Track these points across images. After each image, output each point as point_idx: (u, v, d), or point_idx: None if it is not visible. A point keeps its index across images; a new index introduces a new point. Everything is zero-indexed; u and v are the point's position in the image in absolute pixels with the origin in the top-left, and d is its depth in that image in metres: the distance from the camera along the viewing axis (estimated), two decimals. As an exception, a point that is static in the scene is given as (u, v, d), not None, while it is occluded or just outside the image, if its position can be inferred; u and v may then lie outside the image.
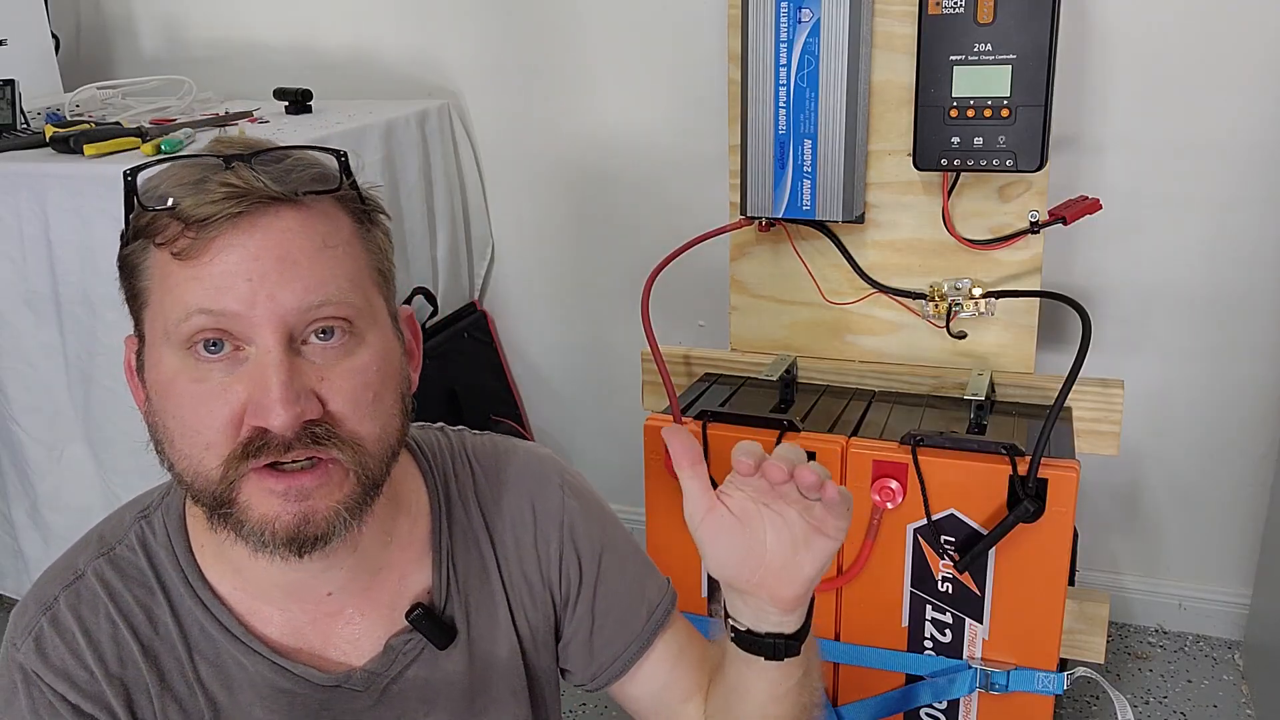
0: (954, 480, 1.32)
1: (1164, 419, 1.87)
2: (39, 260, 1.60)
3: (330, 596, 0.79)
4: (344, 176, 0.71)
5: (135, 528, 0.79)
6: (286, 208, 0.68)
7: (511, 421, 2.27)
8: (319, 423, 0.68)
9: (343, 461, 0.69)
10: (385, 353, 0.73)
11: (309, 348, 0.68)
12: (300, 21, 2.25)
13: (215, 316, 0.66)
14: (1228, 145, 1.70)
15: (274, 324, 0.66)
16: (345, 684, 0.80)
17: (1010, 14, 1.33)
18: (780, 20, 1.41)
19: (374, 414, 0.71)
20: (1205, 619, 1.98)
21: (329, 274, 0.69)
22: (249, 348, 0.67)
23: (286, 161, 0.70)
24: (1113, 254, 1.80)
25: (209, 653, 0.77)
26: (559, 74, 2.06)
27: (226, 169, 0.67)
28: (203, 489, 0.69)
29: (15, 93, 1.83)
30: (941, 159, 1.40)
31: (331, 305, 0.68)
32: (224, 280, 0.66)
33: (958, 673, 1.38)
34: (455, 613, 0.84)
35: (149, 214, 0.68)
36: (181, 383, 0.68)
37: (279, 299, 0.66)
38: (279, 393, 0.65)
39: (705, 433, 1.42)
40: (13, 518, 1.81)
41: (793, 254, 1.57)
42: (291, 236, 0.68)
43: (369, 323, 0.72)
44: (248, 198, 0.66)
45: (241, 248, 0.66)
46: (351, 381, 0.69)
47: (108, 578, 0.77)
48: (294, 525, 0.68)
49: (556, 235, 2.19)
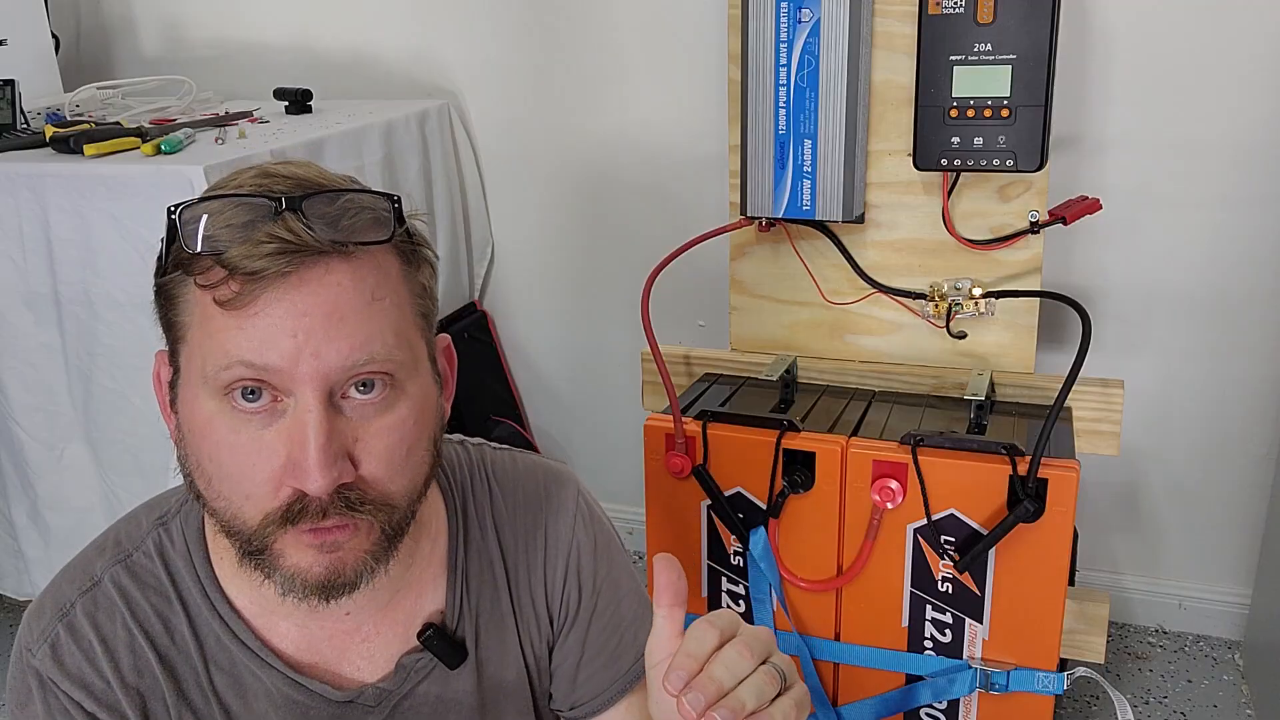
0: (954, 480, 1.32)
1: (1164, 419, 1.87)
2: (39, 260, 1.60)
3: (349, 616, 0.80)
4: (396, 224, 0.70)
5: (153, 534, 0.79)
6: (336, 259, 0.66)
7: (511, 422, 2.27)
8: (352, 487, 0.67)
9: (372, 520, 0.69)
10: (423, 402, 0.72)
11: (348, 402, 0.67)
12: (300, 21, 2.25)
13: (257, 370, 0.65)
14: (1227, 144, 1.70)
15: (316, 382, 0.65)
16: (358, 700, 0.80)
17: (1010, 14, 1.33)
18: (780, 20, 1.41)
19: (405, 469, 0.70)
20: (1205, 619, 1.98)
21: (375, 330, 0.67)
22: (288, 399, 0.66)
23: (339, 203, 0.67)
24: (1113, 254, 1.80)
25: (225, 664, 0.77)
26: (559, 74, 2.06)
27: (276, 216, 0.65)
28: (238, 532, 0.69)
29: (15, 93, 1.83)
30: (941, 159, 1.40)
31: (376, 363, 0.67)
32: (268, 334, 0.64)
33: (958, 673, 1.38)
34: (466, 633, 0.84)
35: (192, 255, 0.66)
36: (220, 430, 0.67)
37: (323, 356, 0.65)
38: (316, 457, 0.64)
39: (705, 433, 1.42)
40: (13, 518, 1.81)
41: (793, 254, 1.57)
42: (340, 292, 0.66)
43: (410, 374, 0.71)
44: (299, 253, 0.64)
45: (290, 303, 0.65)
46: (386, 440, 0.68)
47: (125, 585, 0.76)
48: (325, 577, 0.69)
49: (556, 235, 2.19)
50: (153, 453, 1.58)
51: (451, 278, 2.16)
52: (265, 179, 0.69)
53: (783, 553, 1.43)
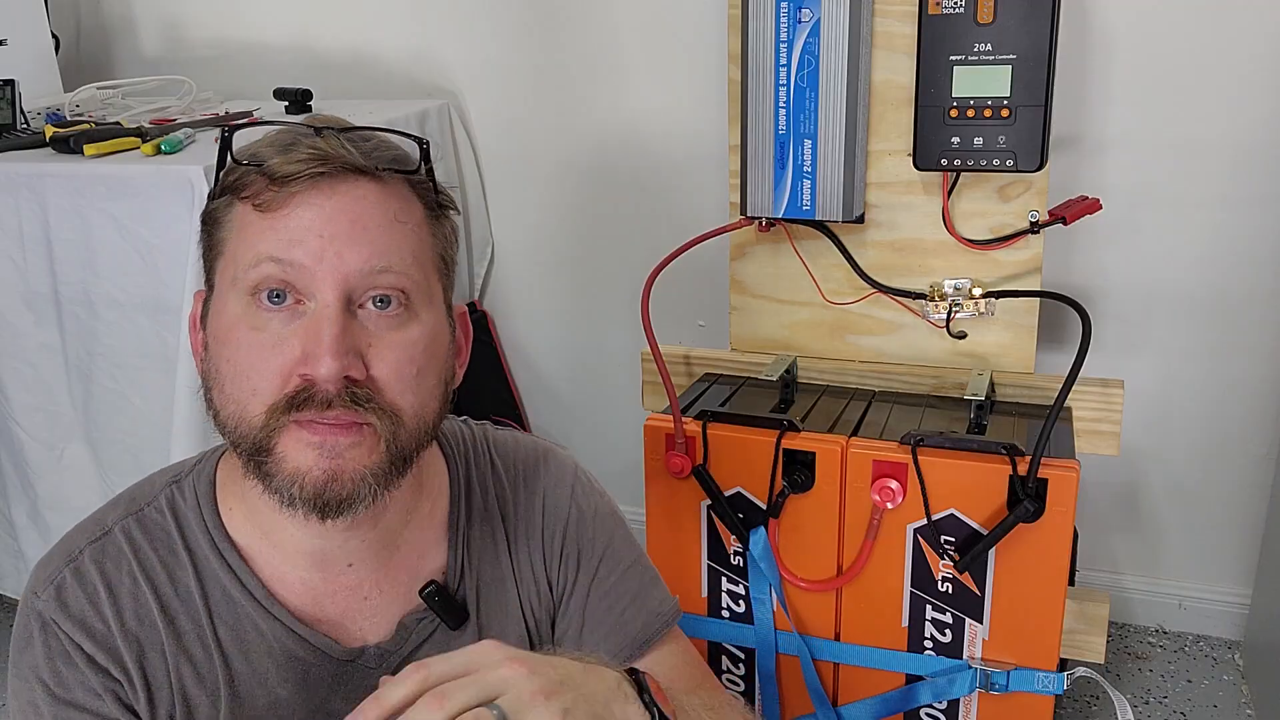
0: (954, 480, 1.32)
1: (1164, 419, 1.87)
2: (39, 260, 1.60)
3: (351, 568, 0.81)
4: (424, 163, 0.76)
5: (166, 491, 0.81)
6: (366, 179, 0.72)
7: (511, 421, 2.27)
8: (361, 385, 0.70)
9: (377, 428, 0.71)
10: (435, 334, 0.76)
11: (365, 312, 0.71)
12: (300, 21, 2.25)
13: (283, 266, 0.69)
14: (1227, 144, 1.70)
15: (336, 281, 0.69)
16: (359, 659, 0.81)
17: (1010, 14, 1.33)
18: (780, 20, 1.41)
19: (415, 389, 0.73)
20: (1205, 619, 1.98)
21: (395, 245, 0.72)
22: (309, 302, 0.70)
23: (372, 141, 0.74)
24: (1113, 254, 1.80)
25: (228, 617, 0.78)
26: (559, 74, 2.06)
27: (316, 135, 0.71)
28: (244, 435, 0.71)
29: (15, 93, 1.83)
30: (941, 159, 1.40)
31: (393, 274, 0.71)
32: (297, 233, 0.70)
33: (958, 673, 1.38)
34: (468, 594, 0.86)
35: (239, 169, 0.72)
36: (241, 329, 0.71)
37: (345, 258, 0.70)
38: (329, 344, 0.68)
39: (705, 432, 1.42)
40: (13, 518, 1.81)
41: (793, 254, 1.57)
42: (367, 205, 0.71)
43: (424, 300, 0.75)
44: (330, 163, 0.70)
45: (318, 207, 0.70)
46: (398, 353, 0.72)
47: (134, 536, 0.79)
48: (323, 481, 0.70)
49: (556, 235, 2.19)
50: (153, 453, 1.58)
51: (451, 278, 2.16)
52: (312, 119, 0.76)
53: (783, 553, 1.43)
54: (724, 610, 1.50)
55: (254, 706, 0.78)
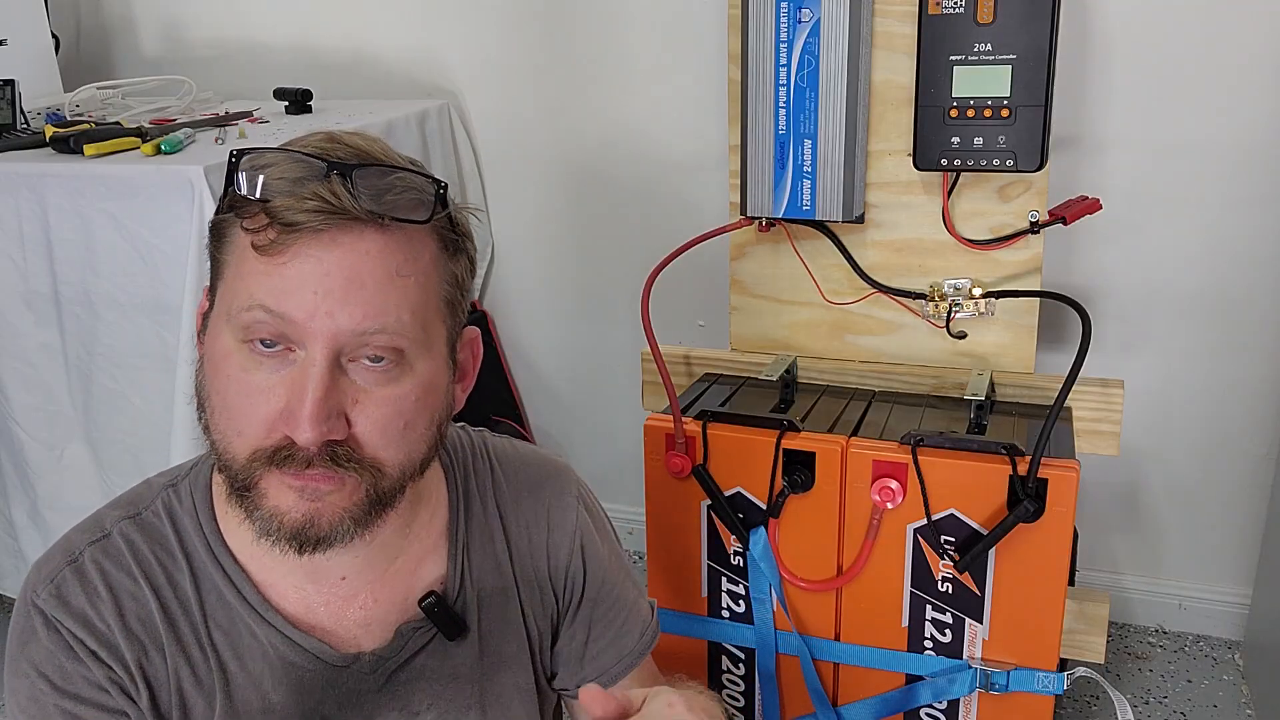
0: (954, 480, 1.32)
1: (1164, 419, 1.87)
2: (39, 260, 1.60)
3: (344, 580, 0.81)
4: (438, 207, 0.72)
5: (163, 495, 0.81)
6: (371, 229, 0.69)
7: (511, 421, 2.27)
8: (341, 444, 0.70)
9: (359, 478, 0.71)
10: (430, 383, 0.74)
11: (355, 366, 0.70)
12: (300, 21, 2.25)
13: (274, 317, 0.68)
14: (1228, 145, 1.70)
15: (326, 340, 0.68)
16: (354, 665, 0.81)
17: (1010, 14, 1.33)
18: (780, 20, 1.41)
19: (400, 443, 0.72)
20: (1205, 619, 1.98)
21: (392, 303, 0.70)
22: (299, 351, 0.69)
23: (388, 179, 0.71)
24: (1113, 254, 1.80)
25: (224, 621, 0.79)
26: (559, 74, 2.06)
27: (325, 178, 0.68)
28: (228, 465, 0.72)
29: (15, 93, 1.83)
30: (941, 159, 1.40)
31: (387, 335, 0.70)
32: (292, 285, 0.68)
33: (958, 673, 1.38)
34: (468, 605, 0.86)
35: (243, 199, 0.70)
36: (232, 367, 0.70)
37: (337, 318, 0.68)
38: (311, 409, 0.67)
39: (705, 433, 1.42)
40: (13, 518, 1.81)
41: (793, 254, 1.57)
42: (366, 260, 0.69)
43: (421, 353, 0.73)
44: (337, 215, 0.68)
45: (317, 260, 0.68)
46: (385, 409, 0.71)
47: (133, 537, 0.79)
48: (301, 523, 0.70)
49: (556, 235, 2.19)
50: (153, 453, 1.58)
51: (451, 278, 2.15)
52: (329, 144, 0.72)
53: (783, 553, 1.43)
54: (724, 610, 1.50)
55: (248, 711, 0.78)
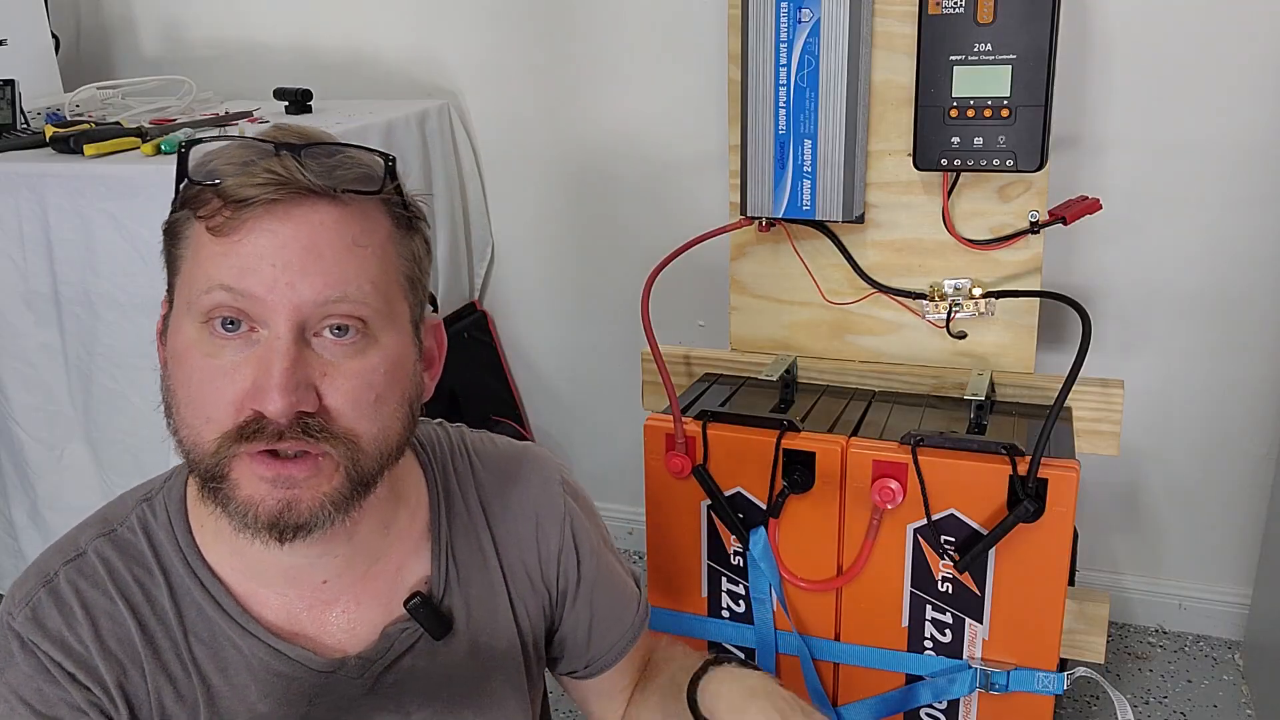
0: (954, 480, 1.32)
1: (1164, 419, 1.87)
2: (39, 260, 1.60)
3: (326, 584, 0.80)
4: (387, 179, 0.73)
5: (137, 510, 0.80)
6: (324, 202, 0.70)
7: (511, 421, 2.27)
8: (313, 416, 0.69)
9: (334, 456, 0.70)
10: (397, 357, 0.74)
11: (320, 340, 0.70)
12: (300, 21, 2.25)
13: (235, 295, 0.68)
14: (1228, 145, 1.70)
15: (288, 312, 0.68)
16: (340, 670, 0.80)
17: (1010, 14, 1.33)
18: (780, 20, 1.41)
19: (373, 415, 0.72)
20: (1205, 619, 1.98)
21: (353, 273, 0.70)
22: (263, 330, 0.68)
23: (336, 157, 0.71)
24: (1113, 254, 1.80)
25: (204, 635, 0.78)
26: (559, 74, 2.06)
27: (275, 155, 0.69)
28: (198, 460, 0.70)
29: (15, 93, 1.83)
30: (941, 159, 1.40)
31: (349, 303, 0.70)
32: (250, 261, 0.68)
33: (958, 673, 1.38)
34: (454, 603, 0.85)
35: (195, 187, 0.70)
36: (195, 355, 0.69)
37: (298, 289, 0.68)
38: (279, 379, 0.67)
39: (705, 433, 1.42)
40: (13, 518, 1.81)
41: (793, 254, 1.57)
42: (323, 230, 0.69)
43: (385, 325, 0.73)
44: (287, 186, 0.68)
45: (272, 233, 0.68)
46: (354, 381, 0.70)
47: (108, 556, 0.78)
48: (276, 511, 0.69)
49: (556, 235, 2.19)
50: (153, 453, 1.58)
51: (451, 278, 2.16)
52: (276, 131, 0.73)
53: (783, 553, 1.43)
54: (724, 610, 1.50)
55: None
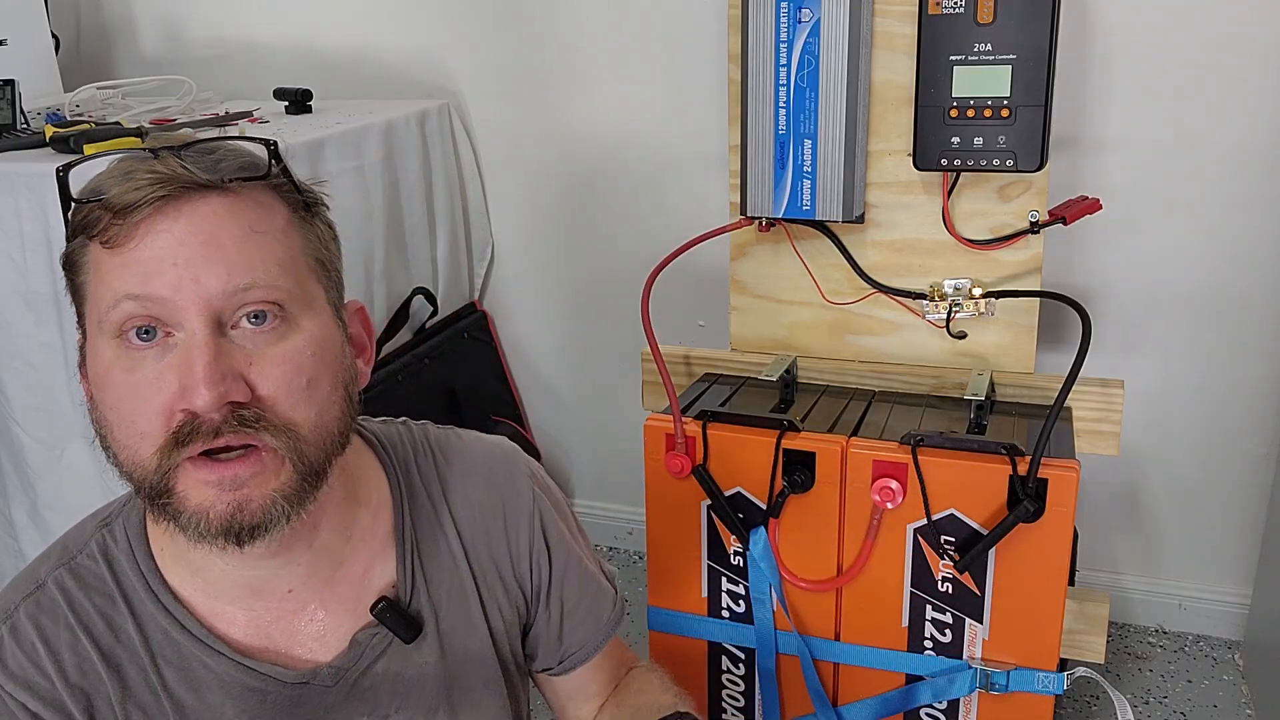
0: (954, 480, 1.32)
1: (1164, 419, 1.87)
2: (39, 260, 1.60)
3: (291, 594, 0.79)
4: (272, 163, 0.72)
5: (97, 536, 0.79)
6: (214, 194, 0.69)
7: (511, 421, 2.27)
8: (247, 407, 0.68)
9: (277, 449, 0.69)
10: (322, 339, 0.73)
11: (239, 332, 0.69)
12: (300, 21, 2.25)
13: (143, 302, 0.67)
14: (1228, 145, 1.70)
15: (199, 307, 0.67)
16: (313, 680, 0.80)
17: (1010, 14, 1.33)
18: (780, 20, 1.41)
19: (308, 400, 0.71)
20: (1205, 619, 1.98)
21: (257, 258, 0.69)
22: (178, 333, 0.67)
23: (217, 153, 0.71)
24: (1113, 254, 1.80)
25: (173, 657, 0.77)
26: (559, 74, 2.06)
27: (154, 158, 0.68)
28: (141, 480, 0.69)
29: (15, 93, 1.83)
30: (941, 159, 1.40)
31: (259, 289, 0.69)
32: (151, 265, 0.67)
33: (958, 673, 1.38)
34: (423, 605, 0.84)
35: (82, 208, 0.69)
36: (116, 373, 0.68)
37: (204, 282, 0.67)
38: (203, 373, 0.66)
39: (705, 433, 1.42)
40: (13, 518, 1.81)
41: (793, 254, 1.57)
42: (218, 221, 0.68)
43: (302, 308, 0.72)
44: (173, 183, 0.67)
45: (168, 233, 0.67)
46: (282, 366, 0.69)
47: (68, 586, 0.77)
48: (228, 514, 0.68)
49: (556, 235, 2.19)
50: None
51: (451, 278, 2.16)
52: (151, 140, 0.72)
53: (783, 553, 1.43)
54: (724, 610, 1.50)
55: None
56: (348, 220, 1.85)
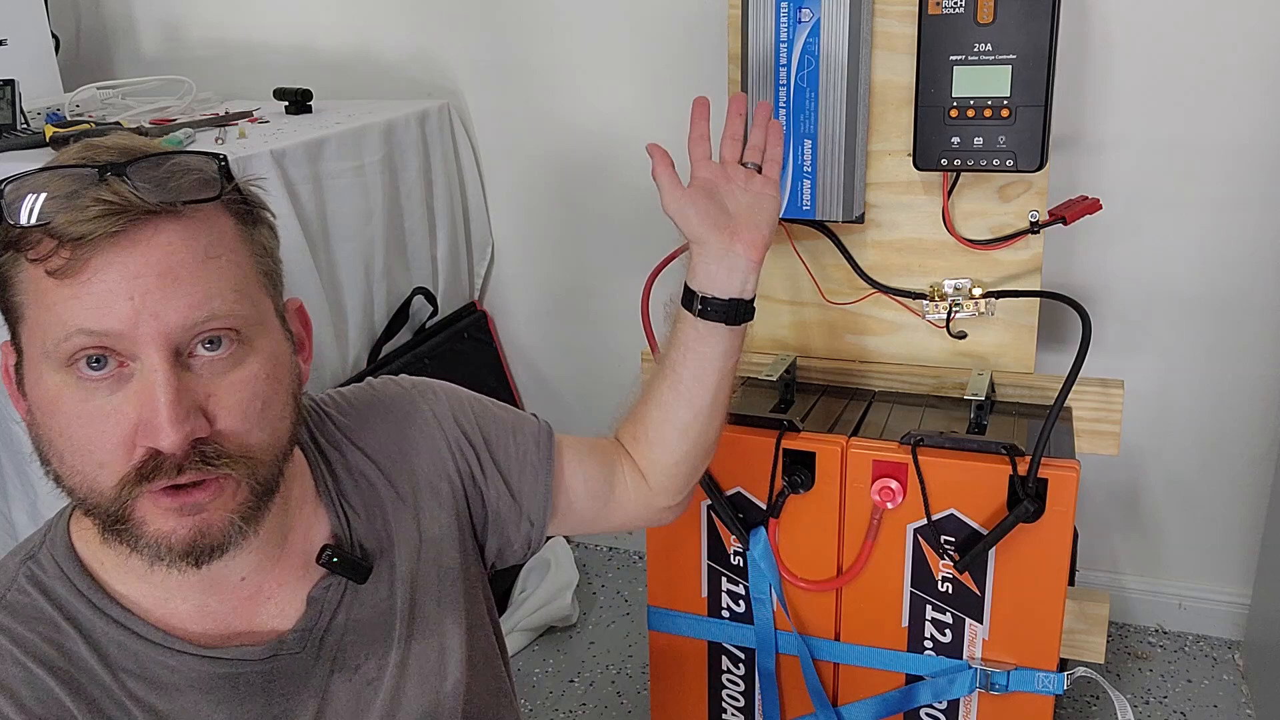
0: (954, 480, 1.32)
1: (1164, 419, 1.87)
2: (39, 260, 1.60)
3: (244, 580, 0.79)
4: (224, 181, 0.70)
5: (24, 570, 0.77)
6: (166, 220, 0.67)
7: (511, 421, 2.27)
8: (208, 441, 0.68)
9: (234, 475, 0.69)
10: (275, 356, 0.73)
11: (196, 360, 0.68)
12: (300, 21, 2.25)
13: (97, 336, 0.65)
14: (1228, 145, 1.70)
15: (159, 342, 0.65)
16: (281, 650, 0.80)
17: (1010, 14, 1.33)
18: (780, 20, 1.41)
19: (262, 423, 0.71)
20: (1205, 619, 1.98)
21: (214, 287, 0.68)
22: (134, 363, 0.66)
23: (164, 167, 0.68)
24: (1113, 254, 1.80)
25: (134, 667, 0.75)
26: (559, 74, 2.06)
27: (101, 181, 0.65)
28: (96, 504, 0.68)
29: (15, 93, 1.83)
30: (941, 159, 1.40)
31: (218, 319, 0.68)
32: (104, 299, 0.64)
33: (958, 673, 1.38)
34: (364, 539, 0.86)
35: (18, 229, 0.66)
36: (67, 402, 0.67)
37: (163, 317, 0.65)
38: (167, 413, 0.65)
39: (705, 433, 1.42)
40: (13, 518, 1.81)
41: (793, 254, 1.57)
42: (173, 250, 0.66)
43: (257, 330, 0.71)
44: (126, 213, 0.64)
45: (121, 265, 0.65)
46: (240, 394, 0.69)
47: (6, 625, 0.74)
48: (190, 539, 0.69)
49: (556, 235, 2.19)
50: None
51: (451, 278, 2.16)
52: (88, 151, 0.70)
53: (783, 553, 1.43)
54: (724, 610, 1.50)
55: None
56: (348, 220, 1.85)
